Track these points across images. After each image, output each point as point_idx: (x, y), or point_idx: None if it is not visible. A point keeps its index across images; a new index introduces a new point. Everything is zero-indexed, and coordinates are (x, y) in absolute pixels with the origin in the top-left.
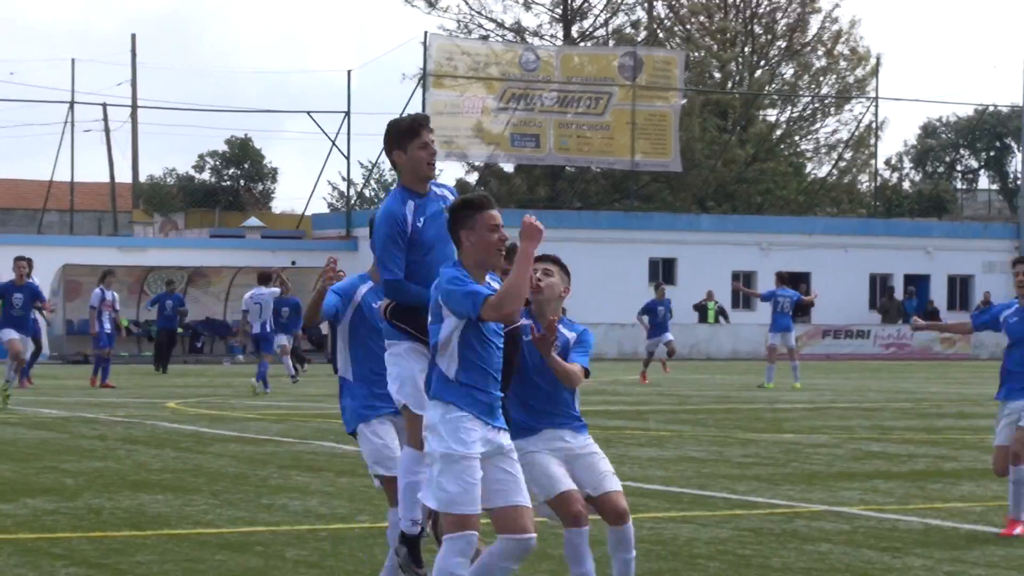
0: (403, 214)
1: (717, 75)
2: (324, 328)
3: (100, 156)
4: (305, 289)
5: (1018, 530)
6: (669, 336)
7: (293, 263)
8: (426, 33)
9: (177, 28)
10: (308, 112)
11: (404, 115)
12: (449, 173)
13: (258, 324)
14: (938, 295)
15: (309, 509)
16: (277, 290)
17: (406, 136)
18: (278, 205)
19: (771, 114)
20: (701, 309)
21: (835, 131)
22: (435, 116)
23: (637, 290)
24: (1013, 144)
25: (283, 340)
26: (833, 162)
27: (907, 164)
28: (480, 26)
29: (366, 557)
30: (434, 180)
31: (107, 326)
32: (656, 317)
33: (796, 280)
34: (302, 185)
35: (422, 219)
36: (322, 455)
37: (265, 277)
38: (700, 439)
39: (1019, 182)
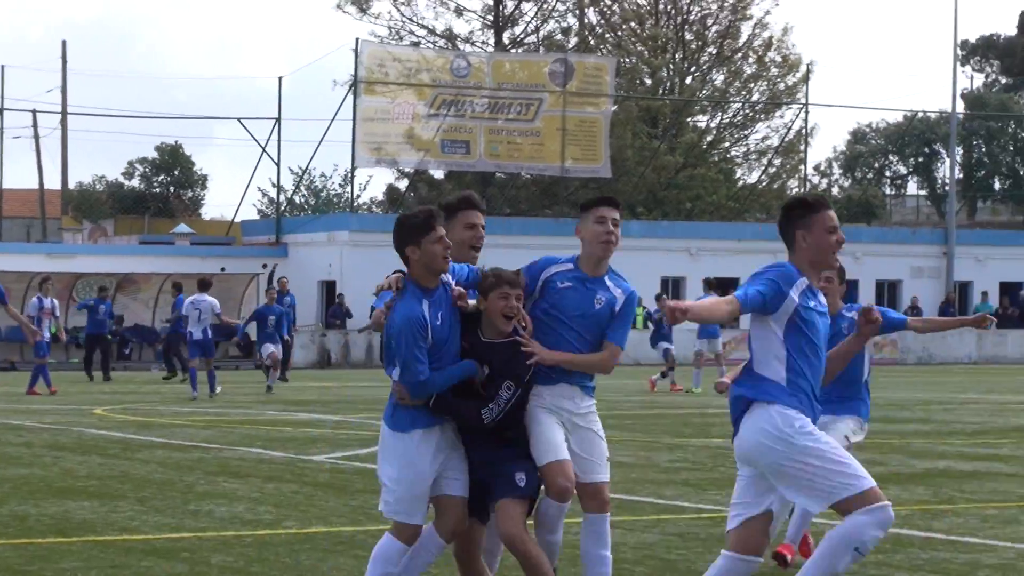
0: (422, 317)
1: (648, 81)
2: (253, 334)
3: (29, 163)
4: (233, 296)
5: (790, 556)
6: (666, 345)
7: (223, 269)
8: (357, 40)
9: (108, 35)
10: (239, 119)
11: (414, 209)
12: (379, 179)
13: (199, 330)
14: (867, 300)
15: (235, 515)
16: (215, 300)
17: (420, 231)
18: (208, 211)
19: (701, 120)
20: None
21: (765, 137)
22: (366, 122)
23: None
24: (942, 150)
25: (271, 348)
26: (763, 168)
27: (836, 170)
28: (412, 33)
29: (293, 562)
30: None
31: (46, 334)
32: (663, 327)
33: (725, 286)
34: (232, 192)
35: (439, 315)
36: (249, 461)
37: (205, 283)
38: (628, 444)
39: (947, 188)
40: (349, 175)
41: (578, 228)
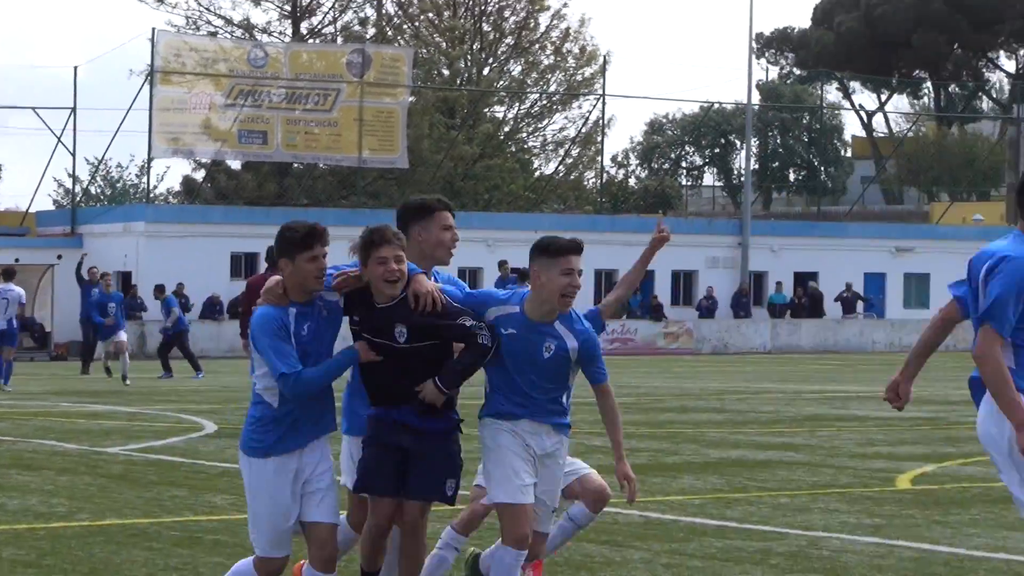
0: (279, 318)
1: (446, 72)
2: (47, 325)
3: None
4: (27, 286)
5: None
6: None
7: (17, 260)
8: (154, 29)
9: None
10: (33, 108)
11: (301, 222)
12: (176, 170)
13: (3, 320)
14: (662, 290)
15: (28, 508)
16: (22, 291)
17: (296, 246)
18: (1, 202)
19: (499, 111)
20: None
21: (563, 128)
22: (162, 112)
23: None
24: (737, 141)
25: (122, 336)
26: (560, 159)
27: (633, 160)
28: (209, 23)
29: (86, 555)
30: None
31: None
32: None
33: (525, 277)
34: (26, 182)
35: (306, 327)
36: (42, 453)
37: (9, 273)
38: None
39: (743, 178)
40: (145, 165)
41: (536, 272)
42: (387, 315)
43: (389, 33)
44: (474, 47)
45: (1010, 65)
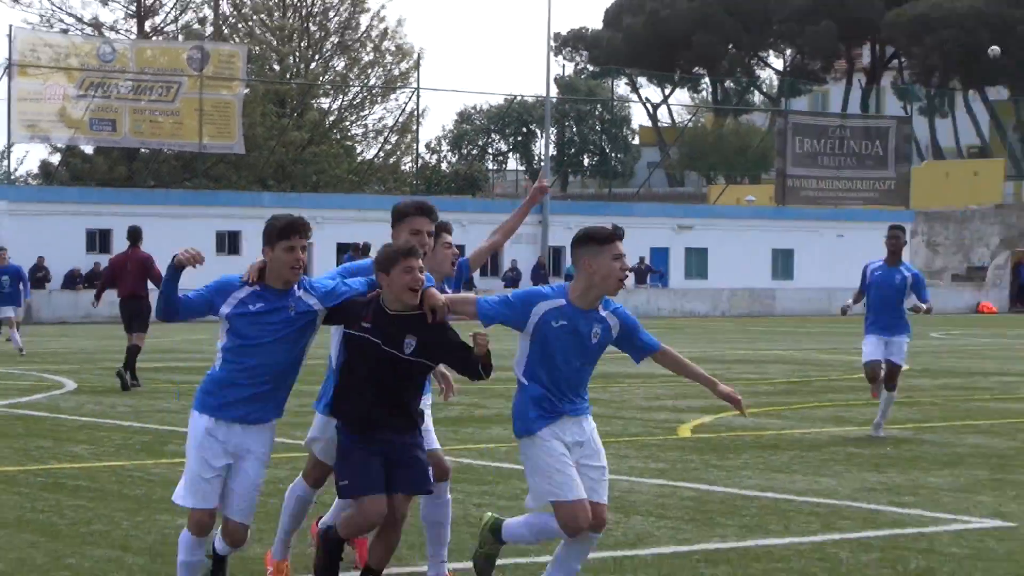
0: (233, 283)
1: (277, 67)
2: None
3: None
4: None
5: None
6: None
7: None
8: (11, 27)
9: None
10: None
11: (285, 215)
12: (34, 155)
13: None
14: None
15: None
16: None
17: (276, 235)
18: None
19: (325, 102)
20: None
21: (382, 118)
22: (21, 102)
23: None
24: (538, 130)
25: (9, 312)
26: (380, 145)
27: (445, 147)
28: (61, 20)
29: None
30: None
31: None
32: None
33: (367, 251)
34: None
35: (258, 305)
36: None
37: None
38: None
39: (543, 163)
40: (6, 150)
41: (586, 261)
42: (401, 324)
43: (225, 32)
44: (302, 44)
45: (778, 63)
